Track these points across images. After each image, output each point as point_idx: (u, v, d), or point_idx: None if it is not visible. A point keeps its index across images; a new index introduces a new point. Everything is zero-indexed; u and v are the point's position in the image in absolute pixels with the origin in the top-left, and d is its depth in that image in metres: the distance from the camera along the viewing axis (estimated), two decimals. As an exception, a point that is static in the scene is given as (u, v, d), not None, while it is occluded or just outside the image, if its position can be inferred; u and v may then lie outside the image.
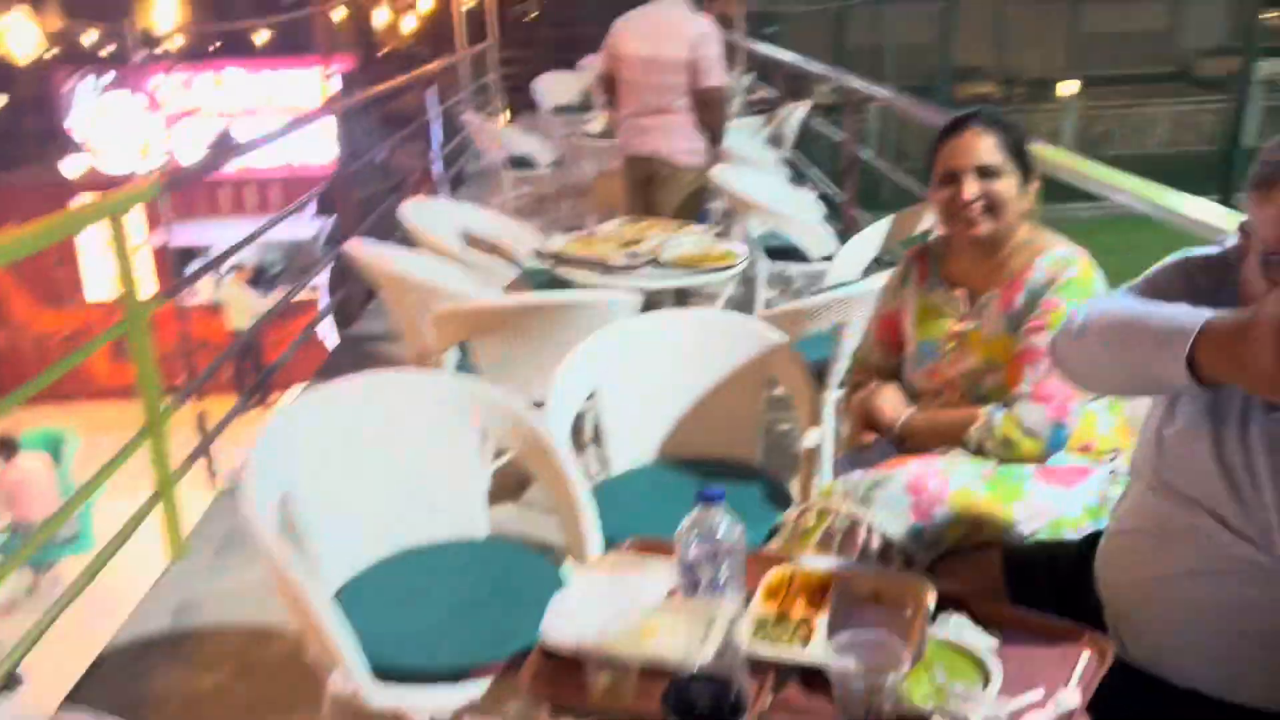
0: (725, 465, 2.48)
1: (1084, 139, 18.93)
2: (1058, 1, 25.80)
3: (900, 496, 1.83)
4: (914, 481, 1.84)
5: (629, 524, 1.86)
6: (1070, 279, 1.90)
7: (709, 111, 4.56)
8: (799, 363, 2.50)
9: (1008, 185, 1.96)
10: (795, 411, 2.49)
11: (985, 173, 1.96)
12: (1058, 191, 2.64)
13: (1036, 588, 1.65)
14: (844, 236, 4.64)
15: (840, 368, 2.95)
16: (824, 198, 6.45)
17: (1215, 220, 2.35)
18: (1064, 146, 5.12)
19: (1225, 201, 3.16)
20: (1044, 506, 1.86)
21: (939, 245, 2.18)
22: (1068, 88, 20.97)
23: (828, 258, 4.25)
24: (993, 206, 1.96)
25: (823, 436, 2.33)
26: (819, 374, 2.91)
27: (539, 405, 2.25)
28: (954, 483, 1.85)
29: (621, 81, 4.67)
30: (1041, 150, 2.58)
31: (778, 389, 2.58)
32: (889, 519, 1.82)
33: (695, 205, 4.74)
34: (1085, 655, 1.39)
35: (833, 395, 2.96)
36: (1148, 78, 24.41)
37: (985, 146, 1.96)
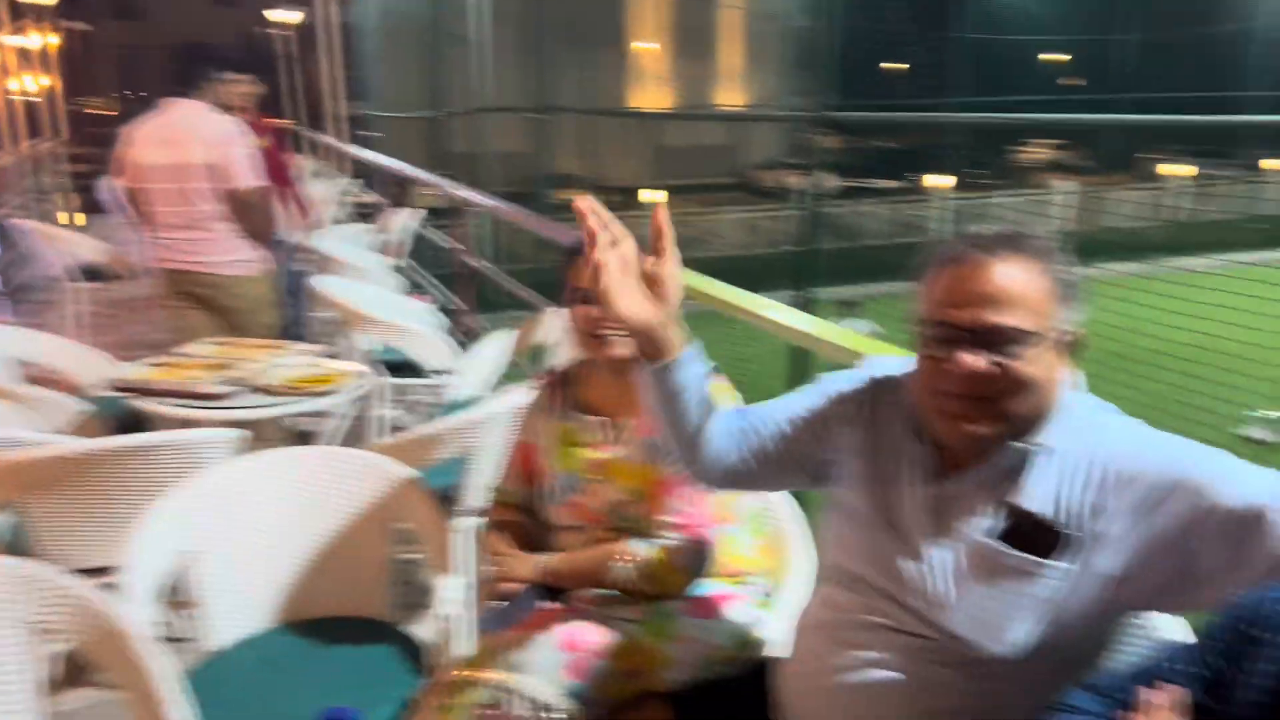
0: (352, 625, 2.20)
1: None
2: (639, 118, 28.11)
3: (553, 656, 1.66)
4: (567, 638, 1.68)
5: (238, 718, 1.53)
6: (707, 401, 1.86)
7: (247, 216, 4.09)
8: (426, 499, 2.27)
9: None
10: (428, 555, 2.25)
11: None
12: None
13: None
14: (466, 347, 4.49)
15: (471, 497, 2.76)
16: (444, 308, 6.30)
17: (792, 321, 2.69)
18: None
19: (799, 297, 3.48)
20: (696, 641, 1.78)
21: (574, 369, 2.08)
22: (651, 195, 22.66)
23: (450, 371, 4.07)
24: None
25: (458, 587, 2.11)
26: (448, 501, 2.70)
27: (111, 577, 1.84)
28: (610, 631, 1.72)
29: (144, 193, 4.12)
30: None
31: (403, 525, 2.33)
32: (542, 683, 1.64)
33: (270, 318, 4.35)
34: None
35: (465, 529, 2.75)
36: (716, 187, 27.18)
37: None
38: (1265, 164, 22.78)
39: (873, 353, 2.40)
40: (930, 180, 22.19)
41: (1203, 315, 8.52)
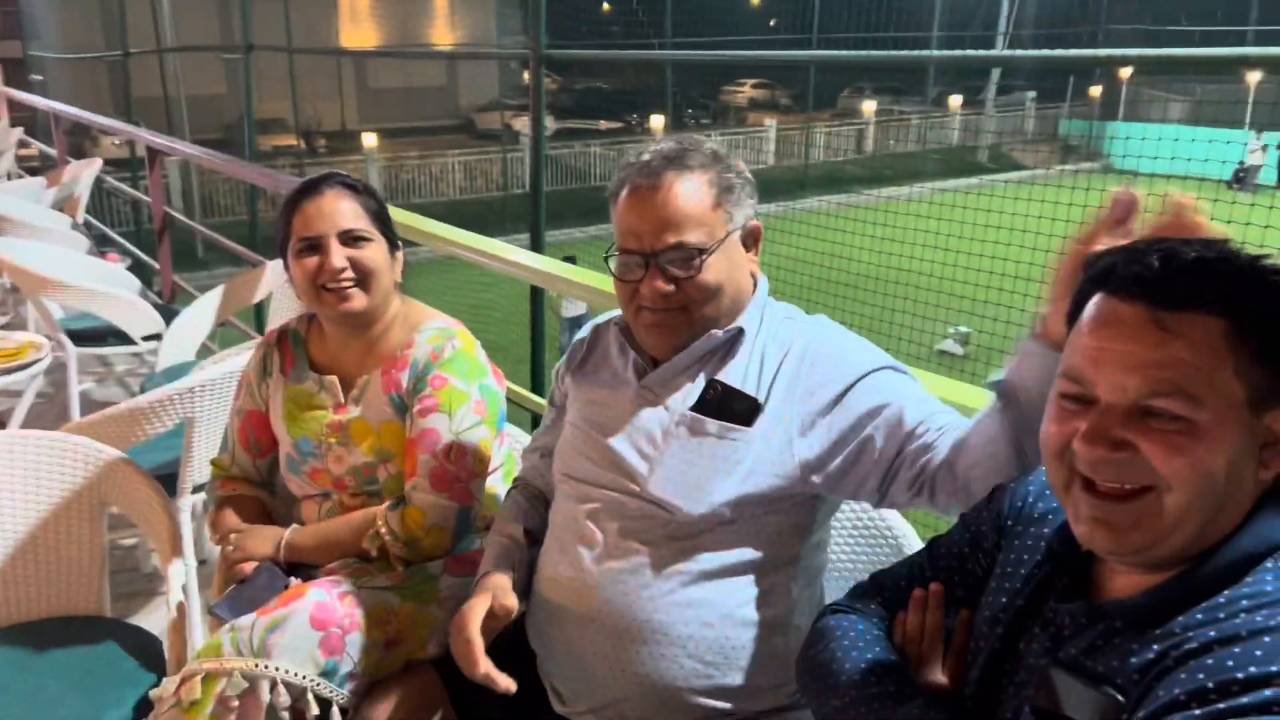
0: (69, 625, 1.96)
1: (390, 189, 19.79)
2: (348, 56, 26.82)
3: (305, 635, 1.53)
4: (317, 613, 1.55)
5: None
6: (456, 351, 1.76)
7: None
8: (140, 479, 2.03)
9: (377, 253, 1.76)
10: (149, 540, 2.03)
11: (352, 239, 1.74)
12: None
13: (482, 688, 1.47)
14: (169, 309, 4.09)
15: (192, 473, 2.52)
16: (136, 266, 5.72)
17: (523, 259, 2.77)
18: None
19: (535, 240, 3.47)
20: (462, 600, 1.70)
21: (301, 327, 1.91)
22: (368, 139, 21.72)
23: (155, 336, 3.69)
24: (363, 277, 1.74)
25: (186, 572, 1.92)
26: (167, 480, 2.45)
27: None
28: (365, 602, 1.60)
29: None
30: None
31: (116, 509, 2.09)
32: (295, 665, 1.51)
33: None
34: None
35: (188, 508, 2.52)
36: (435, 130, 26.48)
37: (349, 210, 1.74)
38: (952, 101, 25.02)
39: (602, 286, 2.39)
40: (648, 121, 22.67)
41: (901, 240, 9.25)
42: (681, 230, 1.39)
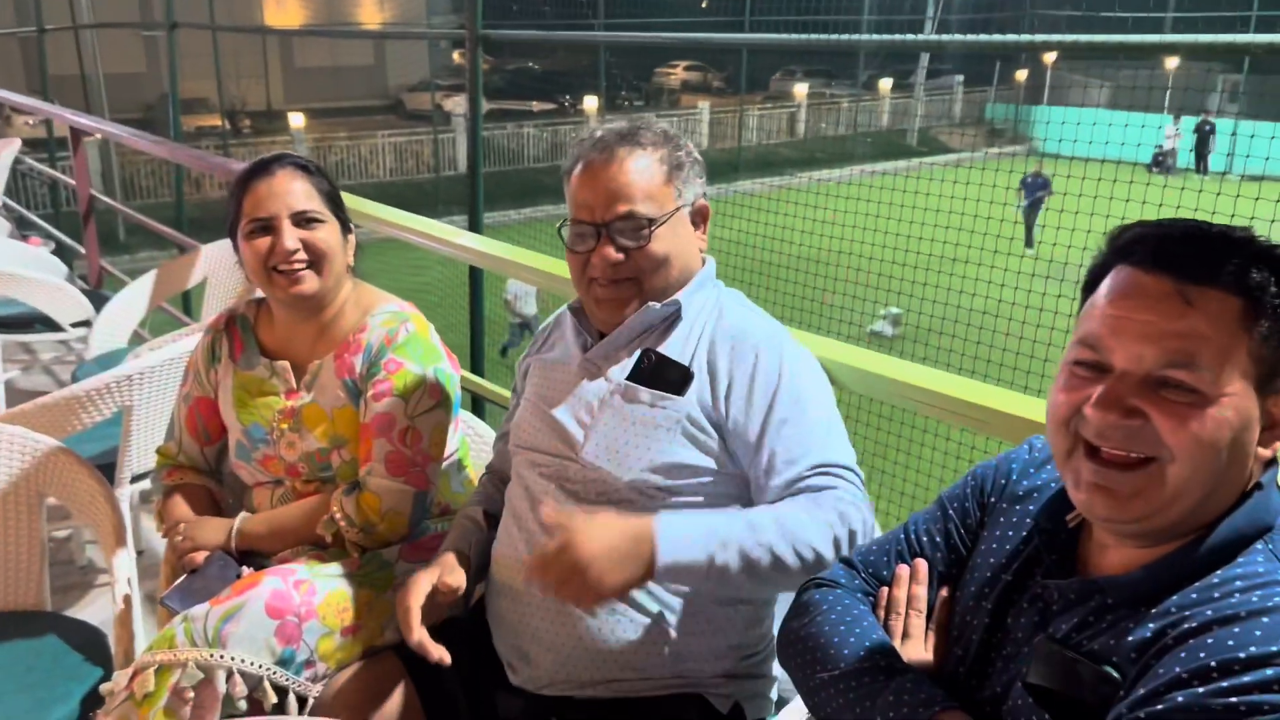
0: (9, 620, 1.90)
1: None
2: (270, 35, 26.18)
3: (260, 623, 1.51)
4: (273, 601, 1.53)
5: None
6: (410, 335, 1.74)
7: None
8: (79, 468, 1.98)
9: (330, 235, 1.73)
10: (90, 531, 1.98)
11: (304, 220, 1.71)
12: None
13: (443, 670, 1.47)
14: (97, 295, 3.97)
15: (130, 463, 2.46)
16: (58, 251, 5.54)
17: (466, 241, 2.77)
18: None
19: (474, 221, 3.45)
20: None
21: (250, 311, 1.87)
22: (295, 119, 21.24)
23: (84, 323, 3.59)
24: (316, 260, 1.72)
25: (130, 563, 1.87)
26: (107, 470, 2.39)
27: None
28: (320, 589, 1.59)
29: None
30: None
31: (54, 501, 2.03)
32: (251, 654, 1.49)
33: None
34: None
35: (127, 498, 2.46)
36: (364, 110, 26.00)
37: (301, 191, 1.71)
38: (882, 85, 25.29)
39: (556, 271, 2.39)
40: (581, 103, 22.54)
41: (834, 223, 9.35)
42: (632, 200, 1.45)
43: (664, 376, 1.46)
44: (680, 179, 1.49)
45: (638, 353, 1.49)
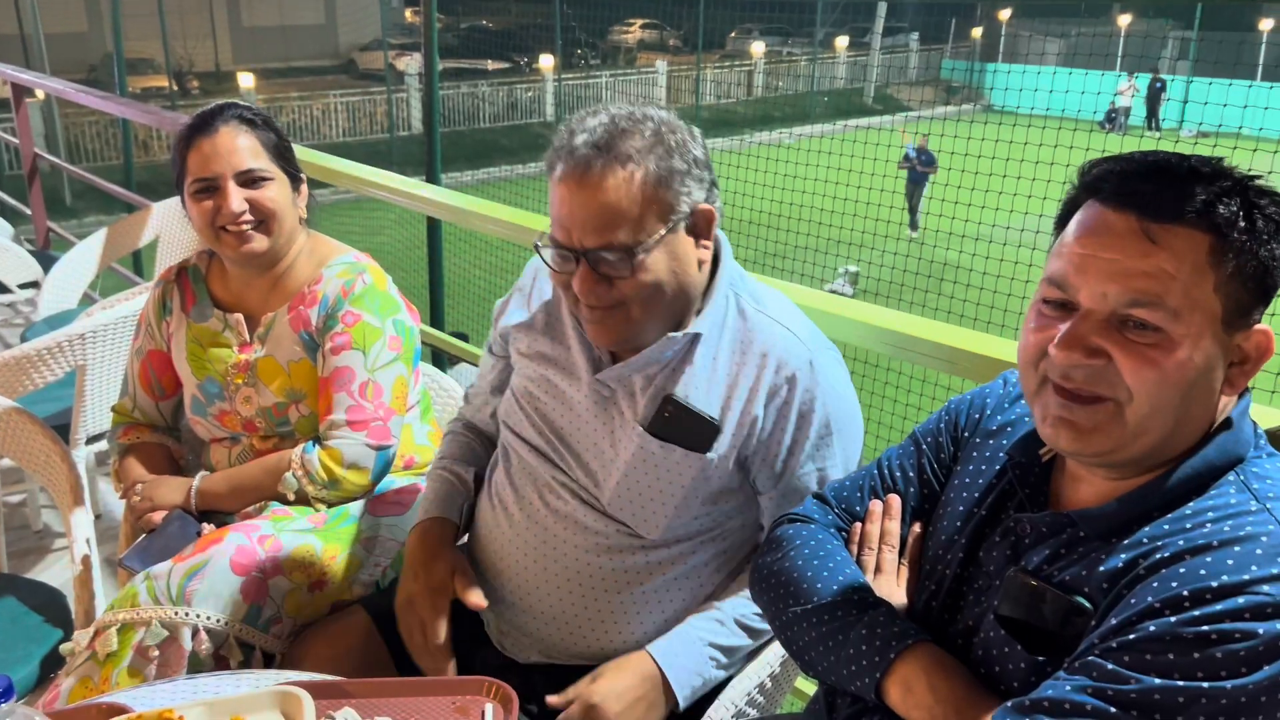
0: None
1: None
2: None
3: (225, 580, 1.49)
4: (238, 558, 1.51)
5: None
6: (367, 286, 1.71)
7: None
8: (33, 428, 1.93)
9: (278, 192, 1.69)
10: (45, 492, 1.94)
11: (250, 180, 1.66)
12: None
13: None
14: (45, 256, 3.87)
15: (85, 424, 2.41)
16: (2, 212, 5.38)
17: (426, 193, 2.74)
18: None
19: (431, 175, 3.44)
20: (385, 540, 1.68)
21: (202, 262, 1.83)
22: (245, 80, 20.77)
23: (32, 284, 3.50)
24: (264, 219, 1.67)
25: (87, 524, 1.83)
26: (61, 430, 2.33)
27: None
28: (286, 544, 1.56)
29: None
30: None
31: (7, 462, 1.99)
32: (216, 611, 1.47)
33: None
34: (489, 708, 1.25)
35: (82, 459, 2.41)
36: (315, 70, 25.48)
37: (246, 148, 1.66)
38: (838, 43, 25.19)
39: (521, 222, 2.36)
40: (537, 61, 22.25)
41: (792, 180, 9.34)
42: (611, 230, 1.25)
43: (688, 428, 1.32)
44: (672, 191, 1.26)
45: (653, 389, 1.34)
